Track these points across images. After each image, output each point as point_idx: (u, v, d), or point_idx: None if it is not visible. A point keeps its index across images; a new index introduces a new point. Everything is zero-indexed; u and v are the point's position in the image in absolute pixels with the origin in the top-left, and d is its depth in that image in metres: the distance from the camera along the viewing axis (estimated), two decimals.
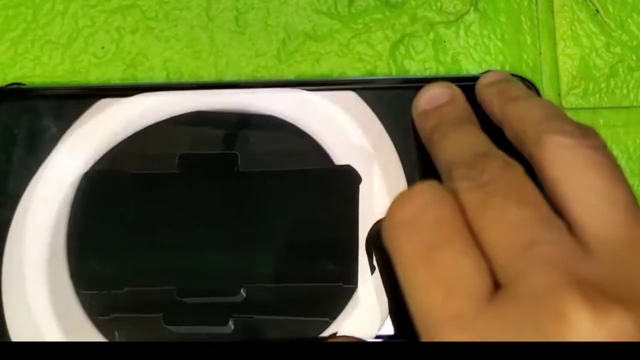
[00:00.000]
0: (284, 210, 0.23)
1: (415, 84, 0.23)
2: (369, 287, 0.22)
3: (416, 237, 0.17)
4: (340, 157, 0.23)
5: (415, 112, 0.23)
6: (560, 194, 0.18)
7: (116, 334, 0.22)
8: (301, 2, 0.26)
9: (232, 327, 0.22)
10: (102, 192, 0.23)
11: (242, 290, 0.22)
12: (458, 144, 0.20)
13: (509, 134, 0.21)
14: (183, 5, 0.26)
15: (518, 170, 0.18)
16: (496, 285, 0.17)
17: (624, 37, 0.26)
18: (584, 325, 0.15)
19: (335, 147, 0.23)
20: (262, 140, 0.23)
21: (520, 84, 0.23)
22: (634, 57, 0.26)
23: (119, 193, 0.23)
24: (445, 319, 0.16)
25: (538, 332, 0.15)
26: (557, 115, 0.20)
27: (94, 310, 0.22)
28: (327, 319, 0.22)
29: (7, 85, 0.25)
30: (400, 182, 0.23)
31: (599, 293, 0.15)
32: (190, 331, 0.22)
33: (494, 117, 0.22)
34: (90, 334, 0.22)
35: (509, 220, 0.17)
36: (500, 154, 0.19)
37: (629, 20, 0.26)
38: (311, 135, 0.23)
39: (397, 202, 0.18)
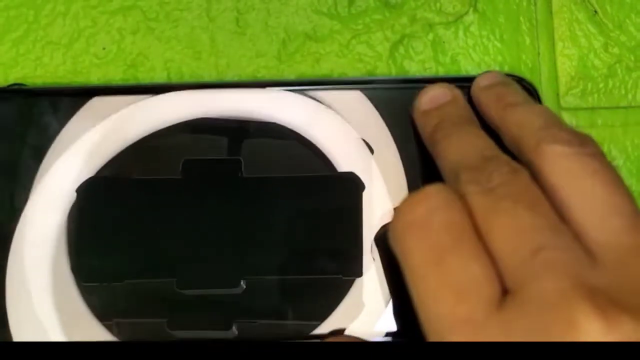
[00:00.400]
0: (287, 215, 0.23)
1: (415, 84, 0.24)
2: (369, 282, 0.22)
3: (425, 241, 0.17)
4: (342, 164, 0.23)
5: (416, 112, 0.23)
6: (559, 202, 0.18)
7: (116, 327, 0.22)
8: (301, 3, 0.26)
9: (236, 332, 0.22)
10: (105, 197, 0.23)
11: (242, 283, 0.22)
12: (462, 145, 0.20)
13: (506, 140, 0.21)
14: (184, 6, 0.26)
15: (525, 175, 0.18)
16: (504, 291, 0.17)
17: (622, 38, 0.26)
18: (596, 335, 0.15)
19: (337, 154, 0.23)
20: (265, 147, 0.24)
21: (517, 87, 0.23)
22: (632, 58, 0.26)
23: (122, 198, 0.23)
24: (454, 323, 0.16)
25: (549, 340, 0.15)
26: (555, 123, 0.20)
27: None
28: (326, 313, 0.22)
29: (8, 86, 0.25)
30: (401, 183, 0.23)
31: (609, 302, 0.15)
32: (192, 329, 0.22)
33: (491, 122, 0.22)
34: (93, 328, 0.22)
35: (518, 225, 0.17)
36: (506, 157, 0.19)
37: (627, 20, 0.26)
38: (314, 142, 0.24)
39: (405, 205, 0.18)
